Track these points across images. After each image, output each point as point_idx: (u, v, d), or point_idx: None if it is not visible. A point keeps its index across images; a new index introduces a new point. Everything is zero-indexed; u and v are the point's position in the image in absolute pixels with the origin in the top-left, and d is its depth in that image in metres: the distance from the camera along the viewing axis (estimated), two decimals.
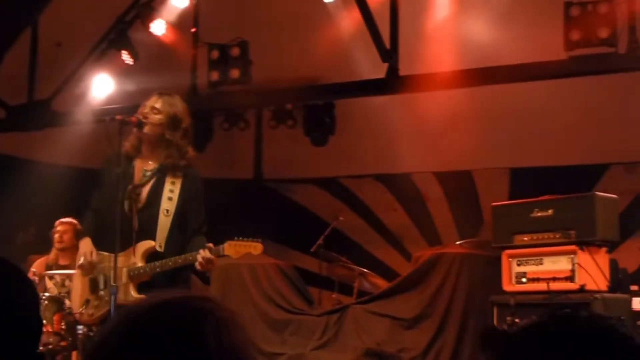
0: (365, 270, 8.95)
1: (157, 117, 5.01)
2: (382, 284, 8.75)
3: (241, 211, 10.65)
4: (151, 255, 4.97)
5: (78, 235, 6.94)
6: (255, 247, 4.86)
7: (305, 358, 7.85)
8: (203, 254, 4.77)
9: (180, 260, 4.86)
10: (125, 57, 9.32)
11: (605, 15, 8.01)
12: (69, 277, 7.02)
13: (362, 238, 10.70)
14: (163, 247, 4.94)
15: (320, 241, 9.03)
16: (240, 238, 4.83)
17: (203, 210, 5.13)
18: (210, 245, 4.88)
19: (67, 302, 7.07)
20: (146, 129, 5.01)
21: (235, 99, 9.44)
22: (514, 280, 6.97)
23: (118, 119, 5.01)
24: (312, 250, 9.07)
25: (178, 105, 5.12)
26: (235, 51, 9.10)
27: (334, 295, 9.05)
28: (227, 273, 8.56)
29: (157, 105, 5.05)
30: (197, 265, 4.80)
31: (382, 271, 9.66)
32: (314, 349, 7.91)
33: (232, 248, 4.81)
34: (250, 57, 9.30)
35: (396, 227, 10.71)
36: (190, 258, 4.84)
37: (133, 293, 4.93)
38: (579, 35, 8.06)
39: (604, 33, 8.00)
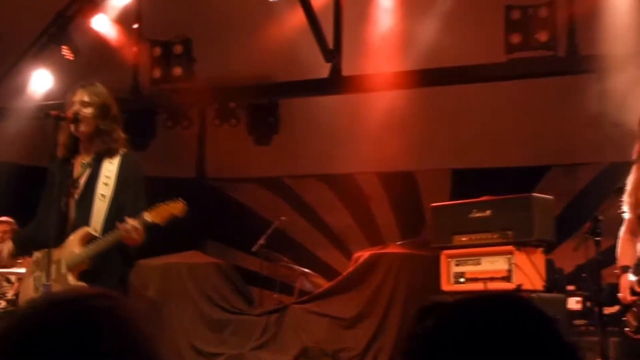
0: (306, 270, 8.95)
1: (88, 111, 4.93)
2: (324, 283, 8.75)
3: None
4: (90, 242, 4.89)
5: (15, 235, 6.81)
6: (176, 208, 4.77)
7: (245, 358, 7.82)
8: (129, 221, 4.65)
9: (111, 238, 4.76)
10: (66, 52, 9.17)
11: (545, 19, 8.13)
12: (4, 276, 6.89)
13: (304, 238, 10.68)
14: (99, 231, 4.85)
15: (262, 241, 8.99)
16: (161, 204, 4.75)
17: (143, 197, 5.03)
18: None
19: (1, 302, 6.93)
20: (82, 127, 4.93)
21: (178, 97, 9.37)
22: (452, 280, 7.02)
23: (53, 114, 4.93)
24: (253, 250, 9.03)
25: (103, 92, 5.05)
26: (178, 48, 9.03)
27: (275, 295, 9.02)
28: (166, 273, 8.49)
29: (85, 99, 4.95)
30: (124, 235, 4.67)
31: (325, 271, 9.65)
32: (253, 349, 7.88)
33: (154, 213, 4.71)
34: (194, 55, 9.23)
35: (339, 227, 10.71)
36: (121, 232, 4.73)
37: (72, 281, 4.83)
38: (519, 38, 8.16)
39: (543, 36, 8.12)
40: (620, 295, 5.05)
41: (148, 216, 4.67)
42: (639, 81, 8.68)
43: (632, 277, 5.02)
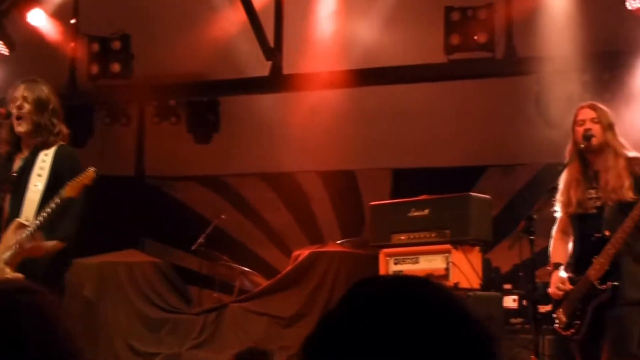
0: (246, 268, 8.91)
1: (28, 107, 4.93)
2: (263, 282, 8.72)
3: (122, 208, 10.44)
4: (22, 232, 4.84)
5: None
6: (87, 177, 4.77)
7: (182, 357, 7.75)
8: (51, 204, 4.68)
9: (38, 222, 4.74)
10: (1, 47, 8.99)
11: (484, 21, 8.24)
12: None
13: (244, 237, 10.63)
14: (31, 220, 4.80)
15: (201, 240, 8.92)
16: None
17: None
18: None
19: None
20: (23, 126, 4.93)
21: (116, 94, 9.27)
22: None
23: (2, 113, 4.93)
24: (193, 248, 8.96)
25: (43, 88, 5.05)
26: (117, 44, 8.93)
27: (214, 294, 8.96)
28: (103, 272, 8.37)
29: (26, 94, 4.95)
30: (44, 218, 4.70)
31: (265, 270, 9.62)
32: (190, 348, 7.81)
33: (69, 188, 4.72)
34: (132, 51, 9.12)
35: (279, 226, 10.69)
36: (45, 215, 4.73)
37: (9, 274, 4.77)
38: (459, 39, 8.25)
39: (482, 38, 8.22)
40: (550, 290, 5.13)
41: (64, 193, 4.70)
42: (575, 83, 8.84)
43: (563, 274, 5.10)
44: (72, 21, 9.01)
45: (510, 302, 7.81)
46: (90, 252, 8.24)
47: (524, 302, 7.77)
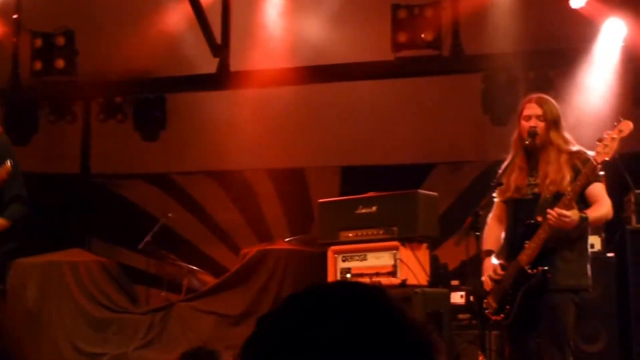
0: (194, 267, 8.84)
1: None
2: (212, 281, 8.66)
3: (67, 207, 10.30)
4: None
5: None
6: (4, 170, 4.71)
7: (128, 358, 7.66)
8: None
9: None
10: None
11: (431, 19, 8.28)
12: None
13: (192, 235, 10.54)
14: None
15: (148, 238, 8.82)
16: None
17: (19, 178, 4.90)
18: None
19: None
20: None
21: (60, 90, 9.12)
22: (338, 275, 7.05)
23: None
24: (140, 247, 8.86)
25: None
26: (61, 40, 8.78)
27: (162, 293, 8.88)
28: (47, 271, 8.22)
29: None
30: None
31: (213, 268, 9.55)
32: (137, 348, 7.72)
33: None
34: (77, 47, 8.99)
35: (227, 224, 10.62)
36: None
37: None
38: (406, 37, 8.28)
39: (429, 36, 8.26)
40: (483, 278, 5.16)
41: None
42: (520, 80, 8.94)
43: (494, 261, 5.14)
44: (15, 16, 8.83)
45: (457, 298, 7.86)
46: (34, 252, 8.10)
47: (471, 298, 7.82)
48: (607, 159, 4.84)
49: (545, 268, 4.89)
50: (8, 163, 4.77)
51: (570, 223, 4.81)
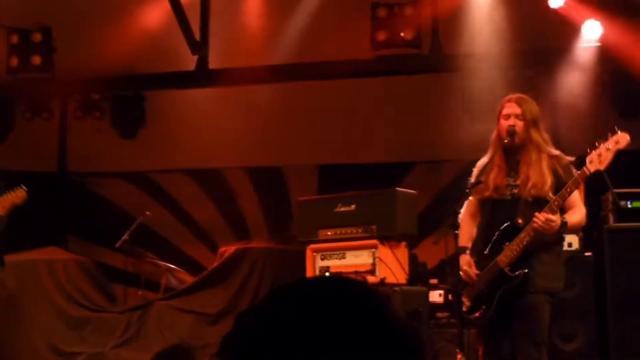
0: (172, 266, 8.80)
1: None
2: (190, 279, 8.62)
3: (44, 205, 10.20)
4: None
5: None
6: (17, 195, 4.67)
7: (106, 357, 7.60)
8: None
9: None
10: None
11: (410, 18, 8.28)
12: None
13: (170, 233, 10.49)
14: None
15: (126, 236, 8.75)
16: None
17: None
18: None
19: None
20: None
21: (37, 87, 9.03)
22: (317, 274, 7.02)
23: None
24: (117, 245, 8.79)
25: None
26: (37, 37, 8.71)
27: (140, 292, 8.81)
28: (23, 269, 8.14)
29: None
30: None
31: (191, 267, 9.51)
32: (114, 347, 7.67)
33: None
34: (54, 44, 8.91)
35: (205, 222, 10.57)
36: None
37: None
38: (385, 35, 8.27)
39: (409, 34, 8.26)
40: (462, 273, 5.16)
41: None
42: (500, 80, 8.96)
43: (469, 257, 5.15)
44: None
45: (436, 296, 7.87)
46: (10, 250, 8.02)
47: (450, 297, 7.84)
48: (601, 169, 4.84)
49: (526, 271, 4.90)
50: (23, 188, 4.72)
51: (554, 228, 4.83)
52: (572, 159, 5.12)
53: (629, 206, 6.88)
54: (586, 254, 7.00)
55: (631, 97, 8.77)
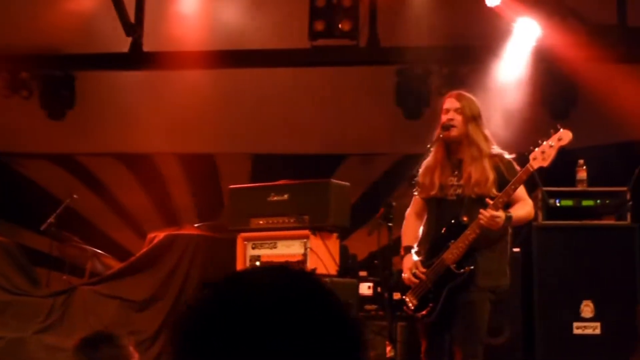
0: (98, 251, 8.64)
1: None
2: (116, 265, 8.48)
3: None
4: None
5: None
6: None
7: (27, 342, 7.41)
8: None
9: None
10: None
11: (349, 9, 8.25)
12: None
13: (97, 218, 10.30)
14: None
15: (51, 219, 8.57)
16: None
17: None
18: None
19: None
20: None
21: None
22: (248, 263, 6.98)
23: None
24: (42, 229, 8.60)
25: None
26: None
27: (64, 277, 8.63)
28: None
29: None
30: None
31: (118, 252, 9.36)
32: (36, 332, 7.48)
33: None
34: None
35: (134, 208, 10.42)
36: None
37: None
38: (323, 26, 8.23)
39: (346, 26, 8.23)
40: (404, 275, 5.17)
41: None
42: (434, 75, 9.03)
43: (415, 258, 5.16)
44: None
45: (365, 289, 7.90)
46: None
47: (379, 289, 7.87)
48: (544, 165, 4.89)
49: (472, 268, 4.94)
50: None
51: (499, 223, 4.87)
52: (513, 155, 5.18)
53: (558, 204, 7.00)
54: (515, 250, 7.10)
55: (564, 98, 8.92)
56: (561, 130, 4.89)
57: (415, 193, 5.29)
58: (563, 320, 6.70)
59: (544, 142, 4.88)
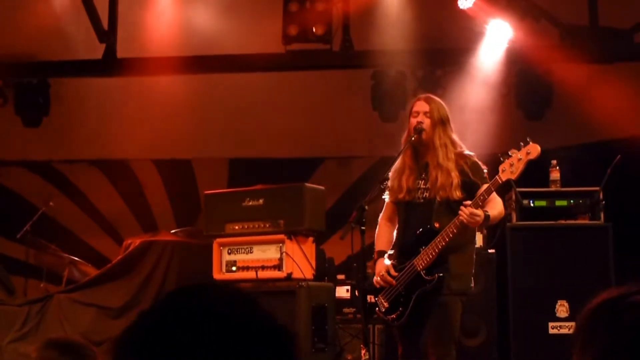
0: (75, 258, 8.60)
1: None
2: (94, 272, 8.44)
3: None
4: None
5: None
6: None
7: (3, 351, 7.37)
8: None
9: None
10: None
11: (322, 13, 8.26)
12: None
13: (74, 224, 10.26)
14: None
15: (27, 227, 8.54)
16: None
17: None
18: None
19: None
20: None
21: None
22: (224, 268, 6.97)
23: None
24: (18, 236, 8.57)
25: None
26: None
27: (41, 285, 8.59)
28: None
29: None
30: None
31: (96, 259, 9.31)
32: (12, 341, 7.43)
33: None
34: None
35: (111, 215, 10.38)
36: None
37: None
38: (297, 30, 8.24)
39: (320, 30, 8.24)
40: (375, 279, 5.20)
41: None
42: (409, 78, 9.06)
43: (387, 262, 5.20)
44: None
45: (343, 292, 7.92)
46: None
47: (356, 293, 7.89)
48: (512, 178, 4.95)
49: (441, 275, 4.98)
50: None
51: (479, 221, 4.92)
52: (474, 153, 5.23)
53: (532, 205, 7.05)
54: (490, 251, 7.14)
55: (537, 99, 8.98)
56: (530, 143, 4.94)
57: (385, 197, 5.32)
58: (538, 320, 6.74)
59: (513, 155, 4.93)
